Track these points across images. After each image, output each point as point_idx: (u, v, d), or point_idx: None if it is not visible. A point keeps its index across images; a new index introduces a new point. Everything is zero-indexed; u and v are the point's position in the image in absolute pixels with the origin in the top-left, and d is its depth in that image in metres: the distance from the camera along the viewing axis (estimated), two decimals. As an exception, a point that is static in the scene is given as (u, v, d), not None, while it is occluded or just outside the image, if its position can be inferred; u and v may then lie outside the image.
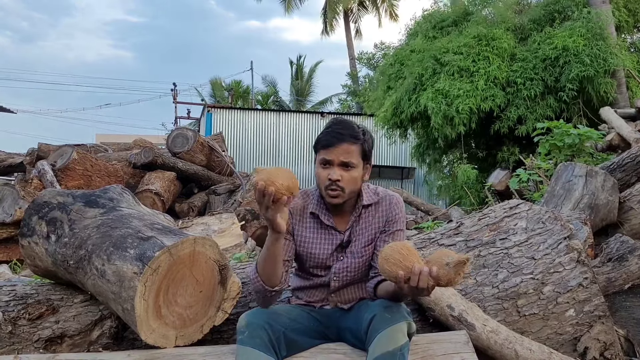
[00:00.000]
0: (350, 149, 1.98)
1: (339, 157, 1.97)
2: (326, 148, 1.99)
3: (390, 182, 19.65)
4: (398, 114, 10.92)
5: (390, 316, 1.77)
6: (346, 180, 1.98)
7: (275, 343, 1.83)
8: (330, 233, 2.09)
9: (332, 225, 2.09)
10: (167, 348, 1.96)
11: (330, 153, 1.98)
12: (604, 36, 9.27)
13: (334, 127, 2.02)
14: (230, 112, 20.05)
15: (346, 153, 1.97)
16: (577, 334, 2.36)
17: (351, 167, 1.99)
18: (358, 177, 2.02)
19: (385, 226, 2.08)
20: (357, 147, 2.00)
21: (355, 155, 1.99)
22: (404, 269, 1.67)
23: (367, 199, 2.09)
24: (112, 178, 7.70)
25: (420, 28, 12.14)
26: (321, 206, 2.10)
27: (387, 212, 2.08)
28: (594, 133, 5.74)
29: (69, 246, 2.17)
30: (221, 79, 31.78)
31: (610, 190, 3.84)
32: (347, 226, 2.09)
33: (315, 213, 2.10)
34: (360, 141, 2.02)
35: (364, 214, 2.09)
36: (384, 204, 2.09)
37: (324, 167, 2.00)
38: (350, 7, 26.98)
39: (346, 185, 1.98)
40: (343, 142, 1.97)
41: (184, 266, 1.98)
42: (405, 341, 1.73)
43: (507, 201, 2.75)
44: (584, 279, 2.38)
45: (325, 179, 1.99)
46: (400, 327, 1.74)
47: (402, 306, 1.83)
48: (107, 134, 28.00)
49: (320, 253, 2.09)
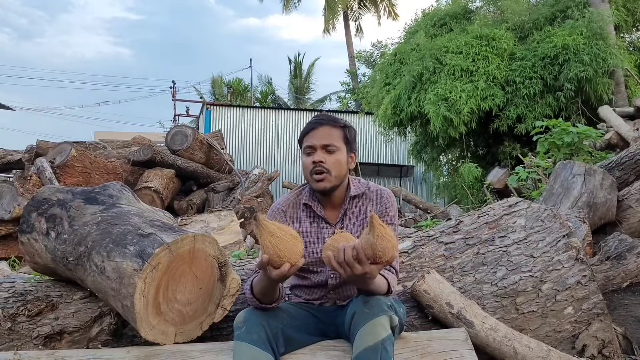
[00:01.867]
0: (332, 132, 2.03)
1: (320, 140, 2.01)
2: (307, 134, 2.04)
3: (389, 180, 19.64)
4: (397, 112, 10.93)
5: (369, 311, 1.75)
6: (330, 162, 2.00)
7: (273, 339, 1.82)
8: (322, 226, 2.10)
9: (324, 216, 2.09)
10: (166, 345, 1.96)
11: (311, 138, 2.02)
12: (604, 35, 9.29)
13: (315, 117, 2.09)
14: (229, 109, 20.03)
15: (327, 136, 2.02)
16: (576, 331, 2.36)
17: (334, 149, 2.01)
18: (342, 161, 2.04)
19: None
20: (338, 131, 2.04)
21: (337, 138, 2.03)
22: (333, 250, 1.72)
23: (355, 190, 2.10)
24: (111, 175, 7.70)
25: (421, 26, 12.13)
26: (313, 198, 2.12)
27: (378, 205, 2.08)
28: (592, 132, 5.75)
29: (69, 243, 2.17)
30: (221, 76, 31.78)
31: (609, 188, 3.85)
32: (337, 219, 2.10)
33: (308, 204, 2.11)
34: (341, 125, 2.06)
35: (353, 206, 2.10)
36: (375, 198, 2.10)
37: (308, 154, 2.03)
38: (350, 6, 26.94)
39: (331, 167, 2.00)
40: (323, 126, 2.03)
41: (184, 263, 1.98)
42: (387, 334, 1.71)
43: (506, 199, 2.75)
44: (583, 276, 2.39)
45: (310, 163, 2.02)
46: (380, 321, 1.72)
47: (381, 300, 1.79)
48: (106, 132, 28.00)
49: (313, 247, 2.09)
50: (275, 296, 1.91)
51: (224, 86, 31.16)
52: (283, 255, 1.69)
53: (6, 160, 9.47)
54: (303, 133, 2.07)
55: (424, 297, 2.22)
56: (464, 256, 2.46)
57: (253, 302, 1.91)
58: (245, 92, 30.65)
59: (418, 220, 7.84)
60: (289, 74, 32.46)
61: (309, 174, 2.03)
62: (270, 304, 1.91)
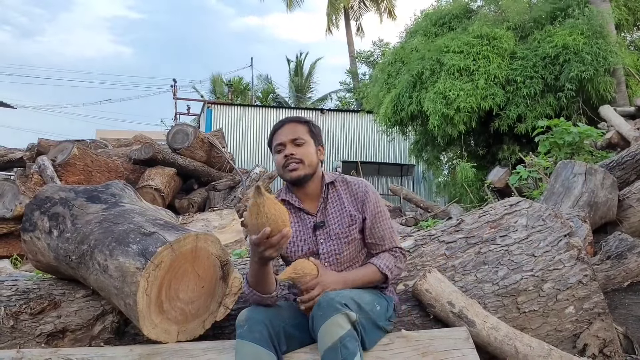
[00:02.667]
0: (297, 128, 2.12)
1: (288, 136, 2.09)
2: (275, 133, 2.13)
3: (390, 179, 19.63)
4: (398, 111, 10.93)
5: (322, 313, 1.77)
6: (300, 153, 2.08)
7: (275, 338, 1.83)
8: (303, 217, 2.14)
9: (303, 208, 2.14)
10: (169, 343, 1.96)
11: (279, 136, 2.11)
12: (604, 34, 9.28)
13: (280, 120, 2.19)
14: (230, 108, 20.04)
15: (294, 131, 2.10)
16: (577, 330, 2.37)
17: (302, 142, 2.09)
18: (312, 152, 2.11)
19: (362, 211, 2.11)
20: (302, 126, 2.14)
21: (303, 132, 2.12)
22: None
23: (329, 178, 2.17)
24: (112, 174, 7.70)
25: (421, 26, 12.13)
26: (290, 193, 2.17)
27: (359, 195, 2.13)
28: (593, 131, 5.75)
29: (71, 241, 2.17)
30: (221, 75, 31.76)
31: (610, 188, 3.85)
32: (317, 208, 2.14)
33: (285, 199, 2.16)
34: (304, 121, 2.17)
35: (331, 194, 2.15)
36: (355, 188, 2.15)
37: (279, 151, 2.11)
38: (351, 5, 26.93)
39: (302, 156, 2.08)
40: (288, 123, 2.13)
41: (186, 262, 1.99)
42: (344, 332, 1.71)
43: (507, 199, 2.76)
44: (584, 276, 2.39)
45: (281, 159, 2.09)
46: (334, 320, 1.73)
47: (334, 299, 1.79)
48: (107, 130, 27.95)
49: (301, 241, 2.12)
50: (271, 284, 1.93)
51: (225, 85, 31.14)
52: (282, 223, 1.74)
53: (8, 158, 9.48)
54: (271, 135, 2.16)
55: (426, 296, 2.23)
56: (465, 255, 2.46)
57: (251, 293, 1.94)
58: (245, 90, 30.64)
59: (418, 219, 7.85)
60: (288, 73, 32.47)
61: (282, 169, 2.10)
62: (267, 294, 1.93)
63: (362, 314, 1.85)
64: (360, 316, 1.83)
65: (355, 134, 20.20)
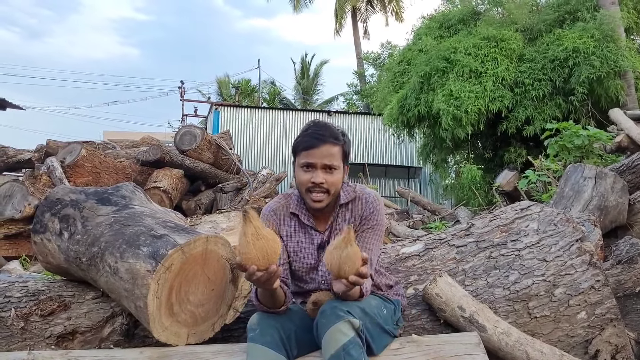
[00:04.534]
0: (332, 151, 1.96)
1: (322, 160, 1.94)
2: (308, 150, 1.96)
3: (397, 182, 19.60)
4: (404, 112, 10.90)
5: (325, 321, 1.75)
6: (330, 182, 1.96)
7: (287, 342, 1.83)
8: (310, 234, 2.08)
9: (312, 225, 2.07)
10: (179, 346, 1.96)
11: (312, 156, 1.95)
12: (614, 38, 9.23)
13: (314, 129, 2.00)
14: (237, 110, 20.07)
15: (329, 155, 1.95)
16: (589, 336, 2.35)
17: (334, 169, 1.97)
18: (340, 178, 2.01)
19: (360, 223, 2.05)
20: (338, 149, 1.98)
21: (337, 157, 1.98)
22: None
23: (345, 198, 2.07)
24: (120, 175, 7.72)
25: (428, 29, 12.11)
26: (301, 207, 2.08)
27: (362, 209, 2.06)
28: (603, 134, 5.71)
29: (82, 243, 2.18)
30: (229, 76, 31.82)
31: (620, 192, 3.83)
32: (326, 226, 2.08)
33: (295, 213, 2.08)
34: (341, 142, 2.00)
35: (341, 213, 2.08)
36: (360, 203, 2.07)
37: (306, 170, 1.97)
38: (359, 7, 26.93)
39: (330, 187, 1.97)
40: (325, 144, 1.95)
41: (196, 264, 1.99)
42: (348, 339, 1.70)
43: (518, 202, 2.74)
44: (596, 281, 2.37)
45: (307, 182, 1.96)
46: (337, 328, 1.71)
47: (337, 307, 1.78)
48: (115, 131, 28.09)
49: (303, 255, 2.08)
50: (280, 302, 1.90)
51: (232, 87, 31.19)
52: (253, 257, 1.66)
53: (16, 159, 9.52)
54: (301, 147, 1.99)
55: (436, 301, 2.22)
56: (475, 259, 2.45)
57: (261, 308, 1.92)
58: (252, 92, 30.67)
59: (426, 221, 7.83)
60: (294, 74, 32.48)
61: (305, 191, 1.99)
62: (277, 308, 1.91)
63: (367, 320, 1.83)
64: (366, 322, 1.81)
65: (362, 136, 20.19)
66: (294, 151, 2.03)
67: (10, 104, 16.42)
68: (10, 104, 16.49)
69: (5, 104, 16.34)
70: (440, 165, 12.54)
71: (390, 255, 2.53)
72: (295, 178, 2.03)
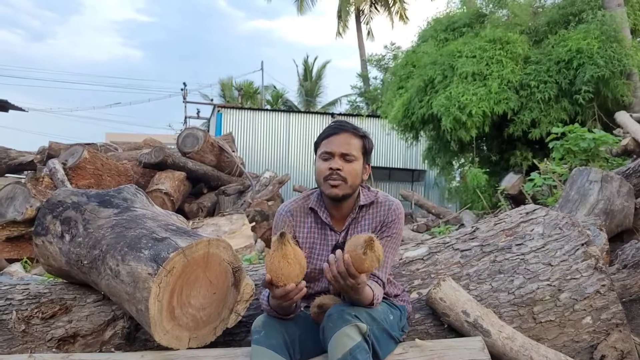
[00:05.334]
0: (351, 141, 2.00)
1: (340, 148, 1.97)
2: (327, 138, 2.01)
3: (401, 185, 19.55)
4: (409, 115, 10.88)
5: (332, 324, 1.75)
6: (347, 171, 1.97)
7: (290, 346, 1.82)
8: (327, 233, 2.07)
9: (329, 223, 2.07)
10: (180, 350, 1.95)
11: (331, 144, 1.99)
12: (619, 38, 9.17)
13: (335, 122, 2.07)
14: (240, 112, 20.06)
15: (347, 144, 1.98)
16: (594, 341, 2.32)
17: (352, 158, 1.98)
18: (359, 170, 2.01)
19: (380, 230, 2.04)
20: (357, 141, 2.01)
21: (356, 148, 2.00)
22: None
23: (364, 199, 2.07)
24: (122, 177, 7.73)
25: (432, 31, 12.08)
26: (320, 203, 2.09)
27: (384, 216, 2.05)
28: (609, 137, 5.68)
29: (83, 246, 2.17)
30: (232, 78, 31.83)
31: (626, 196, 3.80)
32: (343, 227, 2.07)
33: (314, 209, 2.08)
34: (361, 135, 2.04)
35: (360, 215, 2.07)
36: (383, 208, 2.06)
37: (325, 159, 2.00)
38: (362, 8, 26.94)
39: (347, 175, 1.97)
40: (344, 132, 2.01)
41: (198, 268, 1.97)
42: (355, 343, 1.69)
43: (523, 206, 2.72)
44: (602, 286, 2.34)
45: (325, 169, 1.98)
46: (344, 332, 1.70)
47: (344, 310, 1.77)
48: (117, 133, 28.14)
49: (318, 254, 2.06)
50: (292, 311, 1.90)
51: (234, 89, 31.21)
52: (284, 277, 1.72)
53: (18, 161, 9.55)
54: (322, 137, 2.03)
55: (440, 305, 2.19)
56: (480, 264, 2.42)
57: (270, 312, 1.91)
58: (255, 94, 30.68)
59: (430, 225, 7.80)
60: (297, 76, 32.47)
61: (323, 180, 1.99)
62: (287, 315, 1.90)
63: (374, 325, 1.81)
64: (373, 327, 1.80)
65: (365, 139, 20.11)
66: (315, 147, 2.06)
67: (12, 105, 16.46)
68: (13, 106, 16.52)
69: (7, 106, 16.37)
70: (445, 168, 12.50)
71: (394, 259, 2.51)
72: (316, 170, 2.04)
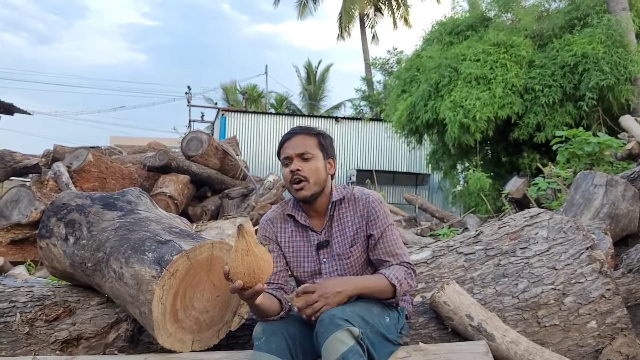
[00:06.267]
0: (305, 141, 2.04)
1: (295, 149, 2.02)
2: (283, 145, 2.06)
3: (405, 188, 19.54)
4: (413, 119, 10.87)
5: (323, 330, 1.73)
6: (307, 169, 2.00)
7: (292, 348, 1.82)
8: (307, 234, 2.09)
9: (309, 225, 2.09)
10: (183, 352, 1.95)
11: (287, 149, 2.04)
12: (624, 43, 9.16)
13: (291, 129, 2.11)
14: (244, 115, 20.12)
15: (302, 144, 2.03)
16: (599, 346, 2.31)
17: (309, 156, 2.02)
18: (320, 167, 2.03)
19: (368, 228, 2.05)
20: (312, 139, 2.06)
21: (311, 146, 2.04)
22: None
23: (337, 195, 2.09)
24: (126, 180, 7.73)
25: (436, 34, 12.07)
26: (297, 208, 2.12)
27: (365, 211, 2.06)
28: (614, 141, 5.65)
29: (87, 248, 2.17)
30: (235, 82, 31.90)
31: (631, 200, 3.79)
32: (322, 226, 2.09)
33: (291, 214, 2.11)
34: (314, 133, 2.08)
35: (337, 212, 2.09)
36: (361, 203, 2.07)
37: (286, 164, 2.04)
38: (366, 12, 26.96)
39: (308, 174, 2.00)
40: (297, 135, 2.05)
41: (202, 270, 1.97)
42: (347, 348, 1.67)
43: (527, 210, 2.71)
44: (606, 290, 2.33)
45: (288, 174, 2.02)
46: (336, 337, 1.69)
47: (335, 315, 1.75)
48: (122, 137, 28.20)
49: (302, 259, 2.08)
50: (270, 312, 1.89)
51: (238, 92, 31.28)
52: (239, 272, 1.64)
53: (23, 164, 9.56)
54: (279, 146, 2.09)
55: (444, 309, 2.19)
56: (484, 267, 2.42)
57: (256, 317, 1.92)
58: (259, 98, 30.74)
59: (434, 229, 7.78)
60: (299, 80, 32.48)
61: (289, 184, 2.03)
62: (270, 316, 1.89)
63: (368, 328, 1.81)
64: (367, 330, 1.79)
65: (369, 143, 20.15)
66: (277, 156, 2.12)
67: (17, 109, 16.54)
68: (18, 109, 16.60)
69: (13, 109, 16.46)
70: (449, 172, 12.48)
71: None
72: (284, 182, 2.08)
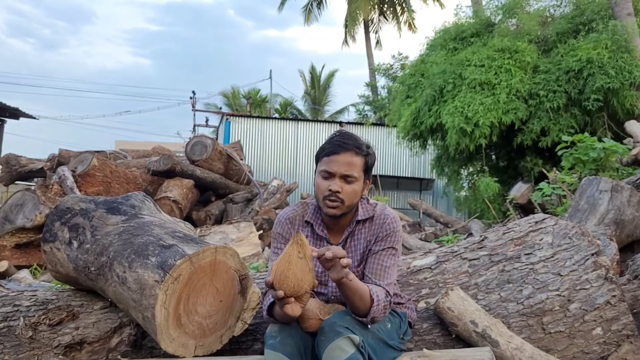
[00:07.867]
0: (353, 161, 1.96)
1: (340, 169, 1.94)
2: (329, 156, 1.96)
3: (409, 194, 19.49)
4: (417, 125, 10.87)
5: (324, 338, 1.74)
6: (346, 192, 1.95)
7: (304, 354, 1.82)
8: (322, 245, 2.05)
9: (325, 236, 2.06)
10: (186, 358, 1.94)
11: (332, 164, 1.95)
12: (629, 48, 9.14)
13: (338, 137, 2.00)
14: (248, 120, 20.13)
15: (348, 165, 1.94)
16: (604, 353, 2.29)
17: (352, 180, 1.95)
18: (358, 190, 1.99)
19: (372, 244, 2.03)
20: (360, 160, 1.98)
21: (357, 168, 1.97)
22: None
23: (362, 214, 2.05)
24: (131, 185, 7.75)
25: (440, 41, 12.07)
26: (317, 216, 2.08)
27: (378, 230, 2.04)
28: (619, 147, 5.63)
29: (91, 252, 2.17)
30: (239, 87, 31.97)
31: (637, 205, 3.77)
32: (340, 240, 2.06)
33: (310, 222, 2.08)
34: (364, 153, 1.99)
35: (357, 230, 2.06)
36: (377, 222, 2.05)
37: (325, 177, 1.97)
38: (371, 18, 26.98)
39: (346, 197, 1.95)
40: (347, 152, 1.95)
41: (205, 275, 1.97)
42: (347, 356, 1.68)
43: (532, 215, 2.69)
44: (612, 296, 2.31)
45: (325, 189, 1.95)
46: (337, 345, 1.70)
47: (335, 323, 1.76)
48: (126, 141, 28.33)
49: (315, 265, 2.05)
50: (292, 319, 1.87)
51: (242, 97, 31.34)
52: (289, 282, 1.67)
53: (29, 168, 9.61)
54: (323, 153, 2.00)
55: (448, 315, 2.18)
56: (488, 273, 2.40)
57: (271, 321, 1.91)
58: (263, 102, 30.77)
59: (438, 234, 7.76)
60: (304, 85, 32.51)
61: (322, 198, 1.98)
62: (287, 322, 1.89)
63: (369, 335, 1.81)
64: (367, 337, 1.79)
65: (374, 148, 20.08)
66: (316, 158, 2.04)
67: (23, 113, 16.63)
68: (24, 114, 16.70)
69: (18, 114, 16.56)
70: (453, 177, 12.45)
71: (401, 268, 2.49)
72: (315, 185, 2.02)
